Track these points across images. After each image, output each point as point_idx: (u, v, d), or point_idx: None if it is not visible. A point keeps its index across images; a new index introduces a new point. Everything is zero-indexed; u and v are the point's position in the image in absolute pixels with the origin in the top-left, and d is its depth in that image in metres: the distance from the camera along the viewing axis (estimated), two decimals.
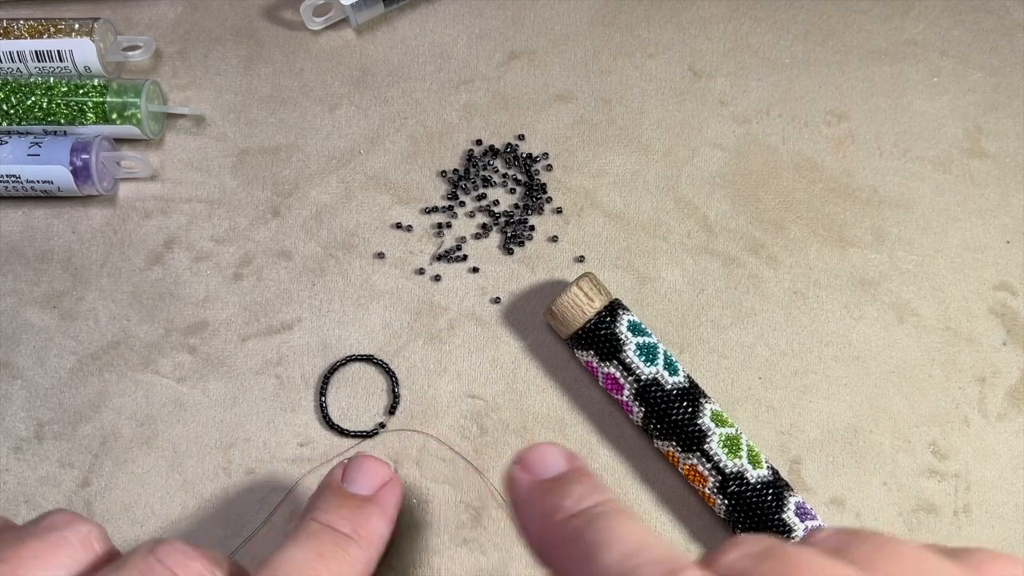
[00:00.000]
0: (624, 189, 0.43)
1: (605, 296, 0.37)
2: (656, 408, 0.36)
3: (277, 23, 0.46)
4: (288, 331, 0.40)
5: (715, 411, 0.36)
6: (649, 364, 0.36)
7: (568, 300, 0.37)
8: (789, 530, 0.34)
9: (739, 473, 0.35)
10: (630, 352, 0.36)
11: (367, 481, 0.31)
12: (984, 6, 0.47)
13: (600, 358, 0.37)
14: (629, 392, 0.37)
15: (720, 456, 0.35)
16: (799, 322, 0.40)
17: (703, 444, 0.35)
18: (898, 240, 0.42)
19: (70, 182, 0.40)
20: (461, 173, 0.43)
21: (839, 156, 0.44)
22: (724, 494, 0.35)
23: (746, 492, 0.35)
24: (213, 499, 0.37)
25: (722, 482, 0.35)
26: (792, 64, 0.46)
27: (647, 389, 0.36)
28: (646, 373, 0.36)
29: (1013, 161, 0.44)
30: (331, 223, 0.42)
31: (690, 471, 0.36)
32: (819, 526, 0.34)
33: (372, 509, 0.30)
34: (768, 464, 0.36)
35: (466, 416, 0.39)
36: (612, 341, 0.37)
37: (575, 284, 0.37)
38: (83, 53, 0.42)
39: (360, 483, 0.31)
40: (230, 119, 0.44)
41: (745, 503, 0.35)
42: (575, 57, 0.45)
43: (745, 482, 0.35)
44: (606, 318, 0.37)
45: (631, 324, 0.37)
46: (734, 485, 0.35)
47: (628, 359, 0.36)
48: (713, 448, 0.35)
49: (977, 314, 0.41)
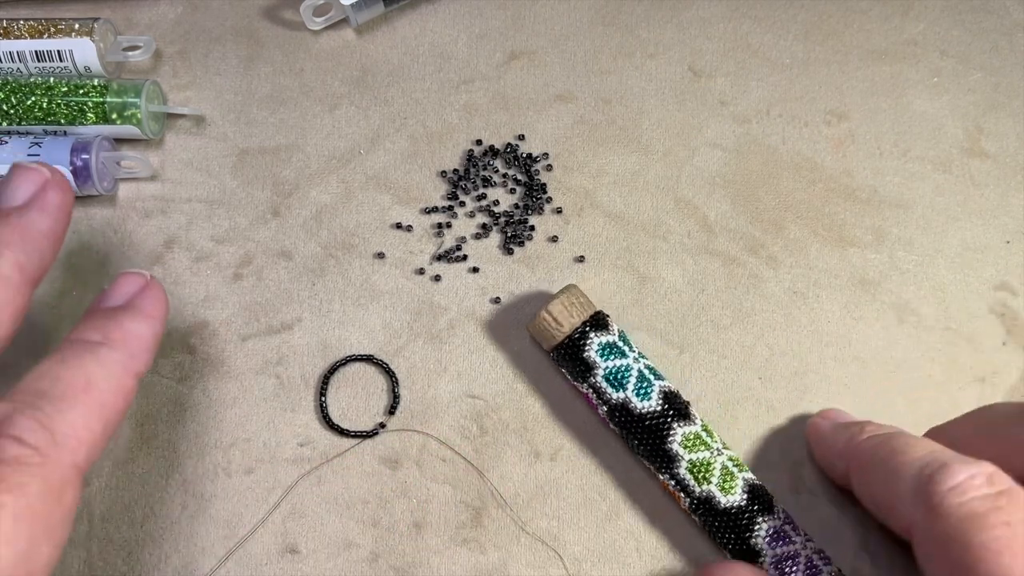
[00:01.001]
0: (624, 189, 0.43)
1: (578, 317, 0.37)
2: (626, 430, 0.36)
3: (277, 23, 0.46)
4: (288, 331, 0.40)
5: (687, 434, 0.36)
6: (618, 390, 0.36)
7: (539, 324, 0.37)
8: (756, 555, 0.34)
9: (707, 499, 0.35)
10: (599, 377, 0.36)
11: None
12: (984, 6, 0.47)
13: (573, 378, 0.37)
14: (603, 412, 0.37)
15: (688, 481, 0.35)
16: (799, 322, 0.40)
17: (672, 467, 0.36)
18: (898, 240, 0.42)
19: (70, 182, 0.40)
20: (461, 173, 0.43)
21: (839, 156, 0.44)
22: (696, 515, 0.36)
23: (712, 519, 0.35)
24: (213, 499, 0.37)
25: (691, 505, 0.36)
26: (792, 64, 0.46)
27: (615, 412, 0.36)
28: (615, 398, 0.36)
29: (1013, 161, 0.44)
30: (331, 223, 0.42)
31: (666, 486, 0.36)
32: (793, 552, 0.34)
33: (125, 314, 0.29)
34: (746, 487, 0.35)
35: (466, 416, 0.39)
36: (582, 365, 0.37)
37: (544, 309, 0.37)
38: (83, 53, 0.42)
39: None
40: (230, 119, 0.44)
41: (715, 524, 0.35)
42: (575, 57, 0.45)
43: (712, 509, 0.35)
44: (578, 341, 0.37)
45: (603, 346, 0.37)
46: (702, 509, 0.35)
47: (597, 383, 0.36)
48: (681, 473, 0.35)
49: (977, 314, 0.41)
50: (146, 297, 0.30)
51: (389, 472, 0.38)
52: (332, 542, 0.37)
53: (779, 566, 0.34)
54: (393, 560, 0.37)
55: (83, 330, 0.29)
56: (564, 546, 0.37)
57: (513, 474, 0.38)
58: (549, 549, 0.37)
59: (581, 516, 0.37)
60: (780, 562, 0.34)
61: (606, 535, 0.37)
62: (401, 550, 0.37)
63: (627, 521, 0.37)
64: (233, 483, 0.38)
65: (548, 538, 0.37)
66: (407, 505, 0.37)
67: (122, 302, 0.30)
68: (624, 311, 0.40)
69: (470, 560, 0.37)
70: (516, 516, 0.37)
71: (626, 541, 0.37)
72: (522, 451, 0.38)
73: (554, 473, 0.38)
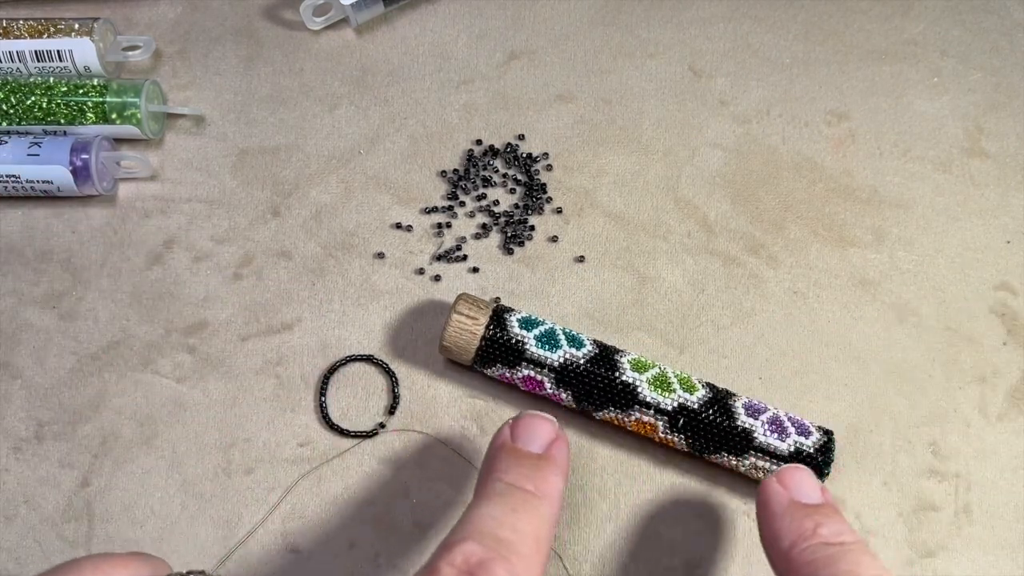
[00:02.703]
0: (624, 189, 0.43)
1: (486, 308, 0.37)
2: (580, 386, 0.36)
3: (277, 23, 0.46)
4: (288, 331, 0.40)
5: (632, 360, 0.37)
6: (555, 350, 0.36)
7: (454, 329, 0.37)
8: (748, 434, 0.35)
9: (682, 405, 0.36)
10: (532, 347, 0.36)
11: (538, 439, 0.32)
12: (984, 6, 0.47)
13: (509, 366, 0.37)
14: (550, 384, 0.37)
15: (656, 399, 0.36)
16: (799, 322, 0.40)
17: (636, 396, 0.36)
18: (898, 240, 0.42)
19: (70, 182, 0.40)
20: (461, 173, 0.43)
21: (839, 156, 0.44)
22: (677, 430, 0.36)
23: (696, 419, 0.36)
24: (213, 499, 0.37)
25: (670, 421, 0.36)
26: (792, 64, 0.46)
27: (563, 373, 0.36)
28: (555, 359, 0.36)
29: (1013, 161, 0.44)
30: (331, 223, 0.42)
31: (638, 425, 0.36)
32: (774, 414, 0.36)
33: (549, 467, 0.31)
34: (702, 383, 0.37)
35: (466, 416, 0.39)
36: (512, 346, 0.37)
37: (453, 312, 0.37)
38: (83, 53, 0.42)
39: (532, 442, 0.32)
40: (230, 119, 0.44)
41: (700, 429, 0.36)
42: (575, 57, 0.45)
43: (690, 411, 0.36)
44: (497, 329, 0.37)
45: (521, 321, 0.37)
46: (682, 418, 0.36)
47: (534, 354, 0.36)
48: (646, 395, 0.36)
49: (977, 314, 0.41)
50: (561, 450, 0.32)
51: (389, 472, 0.38)
52: (332, 542, 0.37)
53: (773, 429, 0.35)
54: (393, 560, 0.37)
55: (516, 476, 0.30)
56: (564, 546, 0.37)
57: None
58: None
59: (581, 516, 0.37)
60: (771, 425, 0.36)
61: (606, 535, 0.37)
62: (401, 550, 0.37)
63: (627, 521, 0.37)
64: (233, 483, 0.38)
65: None
66: (407, 505, 0.37)
67: (540, 450, 0.32)
68: (624, 311, 0.40)
69: None
70: None
71: (626, 541, 0.37)
72: None
73: None
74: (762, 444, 0.35)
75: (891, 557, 0.37)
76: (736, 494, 0.37)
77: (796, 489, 0.32)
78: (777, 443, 0.35)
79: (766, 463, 0.35)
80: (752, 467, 0.36)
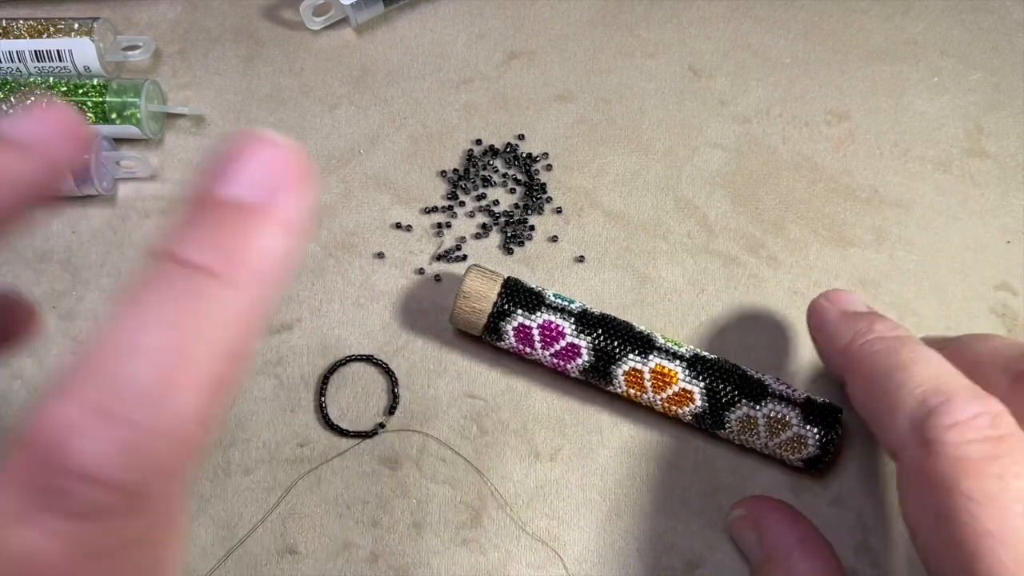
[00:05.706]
0: (624, 189, 0.43)
1: (498, 275, 0.38)
2: (602, 327, 0.37)
3: (277, 23, 0.46)
4: (288, 331, 0.40)
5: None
6: (571, 303, 0.38)
7: (474, 279, 0.37)
8: (764, 386, 0.36)
9: (696, 356, 0.37)
10: (551, 296, 0.37)
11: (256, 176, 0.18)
12: (984, 6, 0.47)
13: (529, 311, 0.37)
14: (571, 330, 0.37)
15: (672, 347, 0.37)
16: (799, 322, 0.40)
17: (654, 343, 0.37)
18: (898, 240, 0.42)
19: (69, 182, 0.40)
20: (461, 173, 0.43)
21: (839, 156, 0.44)
22: (697, 373, 0.36)
23: (711, 373, 0.36)
24: (212, 499, 0.37)
25: (690, 364, 0.36)
26: (792, 64, 0.46)
27: (583, 317, 0.37)
28: (574, 307, 0.37)
29: (1013, 161, 0.44)
30: (331, 223, 0.42)
31: (657, 374, 0.36)
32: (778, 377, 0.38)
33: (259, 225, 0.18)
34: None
35: (466, 416, 0.39)
36: (532, 293, 0.37)
37: (471, 269, 0.37)
38: (83, 53, 0.42)
39: (242, 180, 0.18)
40: (230, 119, 0.44)
41: (720, 370, 0.36)
42: (575, 57, 0.45)
43: (707, 363, 0.37)
44: (516, 281, 0.38)
45: (534, 286, 0.38)
46: (698, 368, 0.36)
47: (553, 301, 0.37)
48: (662, 343, 0.37)
49: (977, 314, 0.41)
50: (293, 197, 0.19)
51: (389, 472, 0.38)
52: (331, 542, 0.37)
53: (783, 383, 0.37)
54: (393, 561, 0.37)
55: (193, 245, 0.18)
56: (564, 546, 0.37)
57: (513, 474, 0.38)
58: (549, 549, 0.37)
59: (581, 516, 0.37)
60: (780, 382, 0.37)
61: (606, 535, 0.37)
62: (401, 551, 0.37)
63: (627, 521, 0.37)
64: (232, 483, 0.38)
65: (548, 538, 0.37)
66: (407, 505, 0.37)
67: (250, 196, 0.18)
68: (624, 311, 0.40)
69: (470, 560, 0.37)
70: (516, 516, 0.37)
71: (626, 541, 0.37)
72: (522, 451, 0.38)
73: (554, 473, 0.38)
74: (777, 391, 0.36)
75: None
76: (737, 494, 0.37)
77: (844, 302, 0.34)
78: (791, 392, 0.36)
79: (784, 409, 0.36)
80: (768, 419, 0.36)
